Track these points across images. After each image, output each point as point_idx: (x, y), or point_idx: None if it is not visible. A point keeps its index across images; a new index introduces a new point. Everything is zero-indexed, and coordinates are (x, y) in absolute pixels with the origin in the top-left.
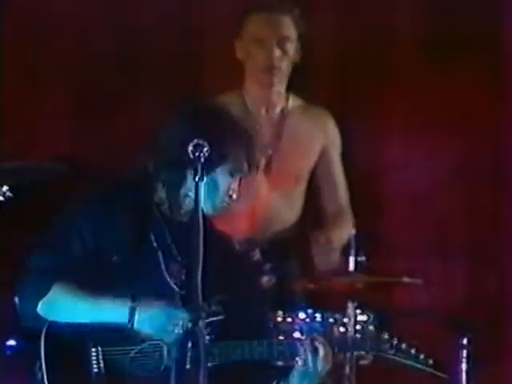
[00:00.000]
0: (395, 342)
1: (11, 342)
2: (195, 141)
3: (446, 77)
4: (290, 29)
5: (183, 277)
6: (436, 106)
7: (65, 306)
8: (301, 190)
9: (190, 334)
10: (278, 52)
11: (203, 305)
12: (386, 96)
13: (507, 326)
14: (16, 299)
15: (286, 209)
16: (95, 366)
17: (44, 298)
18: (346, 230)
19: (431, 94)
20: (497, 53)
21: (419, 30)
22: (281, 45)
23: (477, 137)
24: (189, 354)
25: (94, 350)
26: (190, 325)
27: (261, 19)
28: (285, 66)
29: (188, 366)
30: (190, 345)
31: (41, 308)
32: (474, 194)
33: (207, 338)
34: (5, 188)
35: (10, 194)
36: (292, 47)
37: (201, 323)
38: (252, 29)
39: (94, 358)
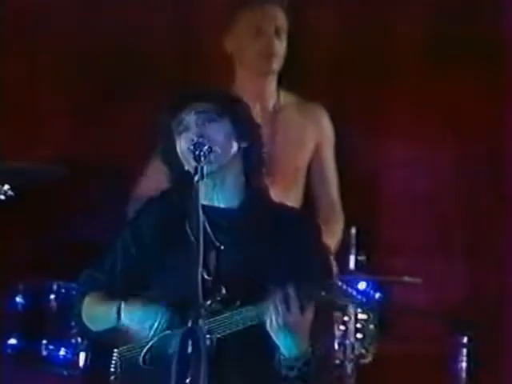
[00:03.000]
0: None
1: (12, 341)
2: (195, 139)
3: (446, 76)
4: (283, 20)
5: (215, 263)
6: (436, 105)
7: (90, 317)
8: (299, 185)
9: (190, 332)
10: (276, 40)
11: (203, 303)
12: (387, 94)
13: (507, 324)
14: None
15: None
16: (113, 366)
17: (82, 311)
18: (338, 225)
19: (431, 93)
20: (497, 54)
21: (419, 28)
22: (277, 34)
23: (477, 137)
24: (189, 352)
25: (115, 350)
26: (190, 323)
27: (257, 11)
28: (281, 55)
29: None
30: (190, 343)
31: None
32: (474, 193)
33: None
34: (6, 187)
35: (11, 193)
36: (285, 38)
37: (201, 322)
38: (248, 20)
39: (114, 358)
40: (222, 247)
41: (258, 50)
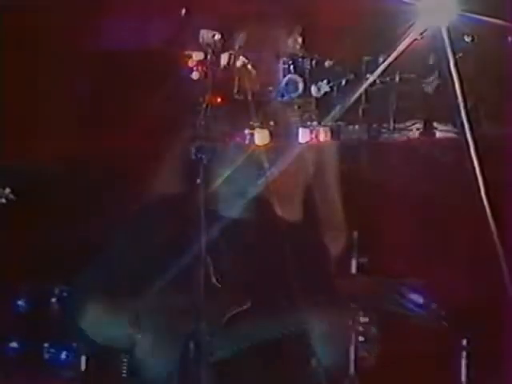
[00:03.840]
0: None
1: (14, 344)
2: (198, 143)
3: None
4: (289, 42)
5: (219, 270)
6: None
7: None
8: (301, 196)
9: (194, 338)
10: (281, 63)
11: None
12: None
13: (507, 326)
14: None
15: (288, 216)
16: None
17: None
18: (340, 233)
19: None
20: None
21: None
22: (283, 57)
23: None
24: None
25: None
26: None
27: (269, 26)
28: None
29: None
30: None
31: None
32: (474, 193)
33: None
34: (7, 190)
35: (13, 197)
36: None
37: (204, 327)
38: (260, 35)
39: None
40: (226, 254)
41: (262, 73)
